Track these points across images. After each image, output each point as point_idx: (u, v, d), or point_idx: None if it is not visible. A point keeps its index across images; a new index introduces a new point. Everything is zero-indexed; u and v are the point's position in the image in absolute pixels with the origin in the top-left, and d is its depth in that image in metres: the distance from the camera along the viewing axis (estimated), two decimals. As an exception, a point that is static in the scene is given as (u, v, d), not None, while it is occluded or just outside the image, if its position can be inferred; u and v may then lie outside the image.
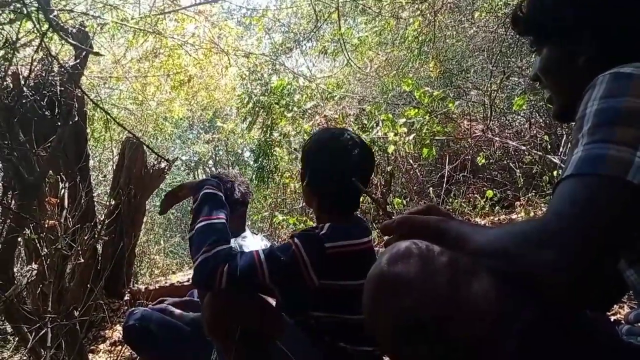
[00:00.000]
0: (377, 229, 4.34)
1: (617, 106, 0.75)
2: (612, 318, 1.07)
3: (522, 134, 5.03)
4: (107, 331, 3.76)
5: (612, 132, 0.73)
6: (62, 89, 3.63)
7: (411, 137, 4.14)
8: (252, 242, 2.42)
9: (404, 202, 4.65)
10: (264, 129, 6.41)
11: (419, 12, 5.21)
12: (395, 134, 4.19)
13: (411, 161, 5.29)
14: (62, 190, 2.66)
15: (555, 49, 1.00)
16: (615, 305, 2.15)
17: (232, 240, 2.19)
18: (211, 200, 1.56)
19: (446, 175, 4.82)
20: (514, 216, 4.24)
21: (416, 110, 4.19)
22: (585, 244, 0.69)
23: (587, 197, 0.71)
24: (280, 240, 5.31)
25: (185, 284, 4.18)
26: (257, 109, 6.43)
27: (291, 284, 1.44)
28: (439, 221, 0.96)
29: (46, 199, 2.59)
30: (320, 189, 1.58)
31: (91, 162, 4.82)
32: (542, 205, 4.16)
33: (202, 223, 1.48)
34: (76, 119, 3.71)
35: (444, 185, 4.78)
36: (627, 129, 0.72)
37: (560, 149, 4.25)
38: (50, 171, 2.96)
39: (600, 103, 0.76)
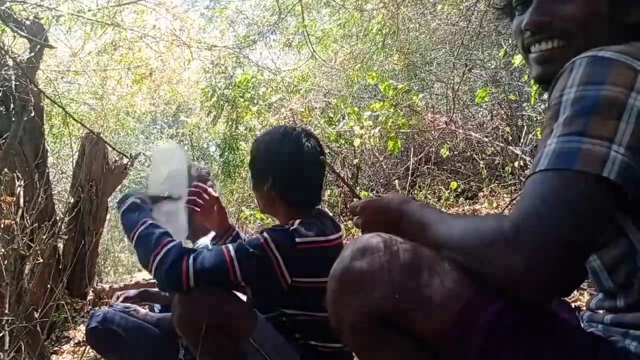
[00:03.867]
0: (345, 222, 4.36)
1: (595, 95, 0.71)
2: (573, 304, 1.10)
3: (485, 125, 5.12)
4: (70, 331, 3.68)
5: (588, 123, 0.70)
6: (17, 83, 3.50)
7: (377, 130, 4.16)
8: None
9: (371, 194, 4.68)
10: (229, 123, 6.35)
11: (382, 4, 5.22)
12: (361, 127, 4.20)
13: (377, 154, 5.33)
14: (18, 189, 2.56)
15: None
16: (575, 292, 2.22)
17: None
18: (134, 210, 1.54)
19: (411, 167, 4.88)
20: (477, 207, 4.33)
21: (381, 103, 4.20)
22: (558, 246, 0.66)
23: (560, 195, 0.68)
24: (247, 235, 5.27)
25: (152, 281, 4.11)
26: (221, 102, 6.36)
27: (262, 280, 1.42)
28: (400, 203, 0.95)
29: (1, 198, 2.50)
30: (284, 185, 1.55)
31: (50, 159, 4.67)
32: (505, 195, 4.26)
33: (137, 231, 1.45)
34: (32, 114, 3.58)
35: (409, 177, 4.83)
36: (603, 121, 0.69)
37: (521, 140, 4.35)
38: (5, 169, 2.86)
39: (578, 90, 0.73)
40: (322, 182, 1.66)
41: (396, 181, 4.93)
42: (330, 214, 1.77)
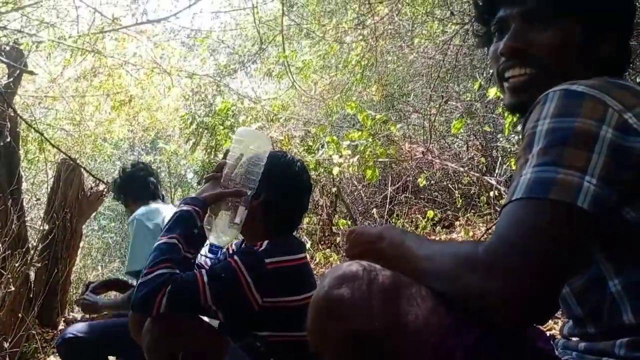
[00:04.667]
0: (322, 250, 4.36)
1: (568, 127, 0.73)
2: (548, 333, 1.12)
3: (460, 155, 5.22)
4: (40, 363, 3.55)
5: (562, 154, 0.71)
6: (-7, 108, 3.46)
7: (355, 159, 4.21)
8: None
9: (349, 223, 4.70)
10: (208, 150, 6.33)
11: (361, 37, 5.34)
12: (340, 156, 4.25)
13: (355, 182, 5.38)
14: (-8, 215, 2.52)
15: (575, 27, 0.90)
16: (549, 320, 2.25)
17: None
18: (173, 217, 1.50)
19: (389, 196, 4.93)
20: (454, 235, 4.38)
21: (360, 132, 4.27)
22: (534, 273, 0.67)
23: (535, 223, 0.69)
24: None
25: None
26: (200, 130, 6.35)
27: (233, 304, 1.42)
28: (382, 229, 0.96)
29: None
30: (277, 208, 1.58)
31: (24, 185, 4.59)
32: (480, 224, 4.32)
33: (157, 243, 1.44)
34: (8, 139, 3.54)
35: (387, 205, 4.88)
36: (577, 152, 0.71)
37: (496, 170, 4.44)
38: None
39: (551, 122, 0.74)
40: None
41: (374, 209, 4.96)
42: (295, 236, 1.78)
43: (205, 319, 1.48)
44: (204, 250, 2.19)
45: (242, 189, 1.54)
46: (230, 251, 1.77)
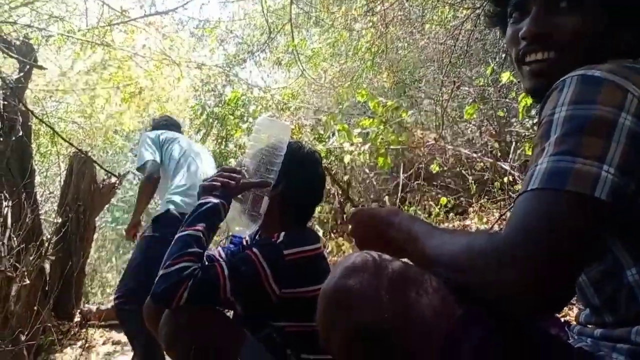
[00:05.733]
0: (335, 239, 4.35)
1: (586, 115, 0.71)
2: (563, 319, 1.10)
3: (474, 141, 5.16)
4: (56, 354, 3.60)
5: (579, 143, 0.70)
6: (5, 103, 3.49)
7: (366, 146, 4.18)
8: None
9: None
10: (219, 141, 6.34)
11: (371, 24, 5.29)
12: (351, 144, 4.22)
13: (367, 170, 5.35)
14: (6, 209, 2.53)
15: (599, 13, 0.88)
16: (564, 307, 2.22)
17: None
18: (199, 208, 1.49)
19: (401, 183, 4.89)
20: (467, 222, 4.34)
21: (371, 120, 4.23)
22: (549, 264, 0.66)
23: (552, 215, 0.68)
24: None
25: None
26: (210, 120, 6.36)
27: (252, 296, 1.43)
28: (389, 213, 0.97)
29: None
30: (295, 199, 1.60)
31: (37, 179, 4.62)
32: (494, 210, 4.28)
33: (181, 233, 1.44)
34: (20, 134, 3.56)
35: (399, 193, 4.85)
36: (595, 140, 0.70)
37: (510, 156, 4.39)
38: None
39: (569, 109, 0.73)
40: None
41: (386, 197, 4.94)
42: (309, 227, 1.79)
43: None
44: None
45: (266, 179, 1.55)
46: (245, 242, 1.77)
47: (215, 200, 1.49)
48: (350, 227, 1.08)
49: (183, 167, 3.12)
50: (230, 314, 1.60)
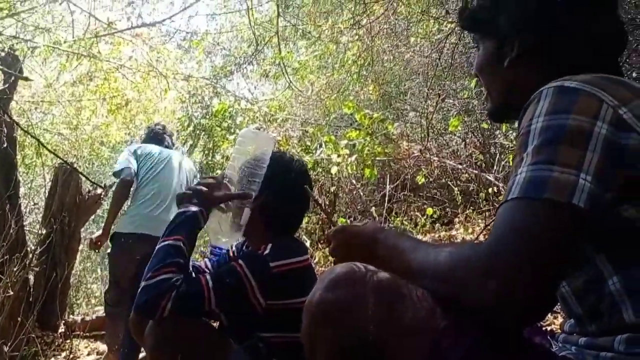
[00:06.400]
0: (322, 249, 4.36)
1: (562, 124, 0.72)
2: (547, 328, 1.12)
3: (459, 153, 5.21)
4: (40, 366, 3.54)
5: (557, 152, 0.71)
6: (-10, 113, 3.46)
7: (353, 158, 4.21)
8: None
9: (348, 221, 4.69)
10: (206, 152, 6.33)
11: (357, 37, 5.34)
12: (338, 156, 4.25)
13: (354, 181, 5.37)
14: (-11, 220, 2.51)
15: (489, 47, 0.99)
16: (549, 315, 2.24)
17: None
18: (178, 217, 1.49)
19: (388, 194, 4.92)
20: (453, 232, 4.37)
21: (357, 132, 4.27)
22: (530, 273, 0.67)
23: (531, 224, 0.69)
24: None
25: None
26: (198, 132, 6.35)
27: (237, 308, 1.42)
28: (374, 230, 0.96)
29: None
30: (277, 210, 1.58)
31: (22, 190, 4.58)
32: (480, 221, 4.32)
33: (161, 244, 1.43)
34: (5, 145, 3.54)
35: (386, 204, 4.87)
36: (571, 150, 0.71)
37: (494, 167, 4.44)
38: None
39: (545, 120, 0.74)
40: (308, 203, 1.71)
41: (373, 208, 4.96)
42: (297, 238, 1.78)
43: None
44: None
45: (248, 191, 1.53)
46: (231, 253, 1.77)
47: (194, 209, 1.48)
48: (331, 245, 1.05)
49: (145, 185, 3.20)
50: (216, 323, 1.60)
